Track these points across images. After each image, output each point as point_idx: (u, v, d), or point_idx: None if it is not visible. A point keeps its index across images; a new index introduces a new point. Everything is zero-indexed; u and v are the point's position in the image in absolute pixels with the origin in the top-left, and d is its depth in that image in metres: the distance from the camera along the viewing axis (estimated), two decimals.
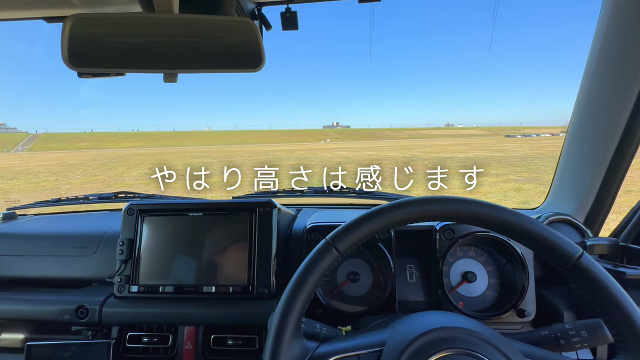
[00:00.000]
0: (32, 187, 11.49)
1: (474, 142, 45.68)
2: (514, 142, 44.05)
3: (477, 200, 0.54)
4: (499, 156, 18.60)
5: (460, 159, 17.54)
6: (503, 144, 36.60)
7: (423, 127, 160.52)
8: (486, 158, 17.63)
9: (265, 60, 0.73)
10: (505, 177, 10.45)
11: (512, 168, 12.85)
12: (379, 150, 28.06)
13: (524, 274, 0.85)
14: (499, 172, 11.68)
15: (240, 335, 0.89)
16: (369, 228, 0.55)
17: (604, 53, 0.86)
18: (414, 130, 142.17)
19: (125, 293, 0.92)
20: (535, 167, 13.05)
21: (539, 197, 7.50)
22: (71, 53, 0.67)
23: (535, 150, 22.24)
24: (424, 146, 33.80)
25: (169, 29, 0.71)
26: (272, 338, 0.50)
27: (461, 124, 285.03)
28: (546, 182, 9.36)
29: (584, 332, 0.54)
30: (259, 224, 0.93)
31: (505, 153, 20.92)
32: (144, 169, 16.68)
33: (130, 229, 0.96)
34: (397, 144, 46.09)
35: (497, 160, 16.00)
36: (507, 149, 25.12)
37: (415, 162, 16.85)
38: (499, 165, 13.91)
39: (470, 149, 26.58)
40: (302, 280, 0.53)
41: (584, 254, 0.49)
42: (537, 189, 8.34)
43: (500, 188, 8.69)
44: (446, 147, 30.40)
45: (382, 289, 0.90)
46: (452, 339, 0.50)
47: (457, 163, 15.34)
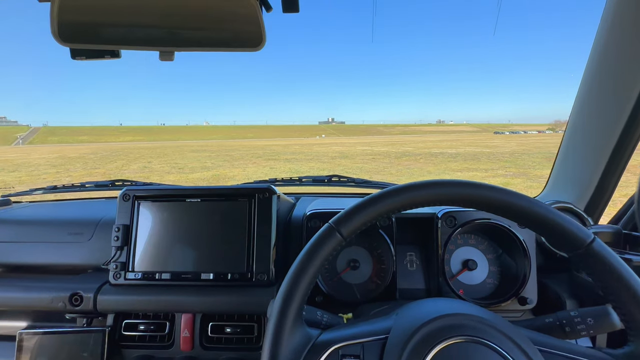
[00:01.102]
0: (32, 179, 11.41)
1: (464, 138, 46.28)
2: (503, 138, 44.78)
3: (485, 184, 0.52)
4: (488, 152, 18.89)
5: (451, 154, 17.75)
6: (492, 140, 37.16)
7: (415, 123, 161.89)
8: (476, 154, 17.88)
9: (265, 39, 0.70)
10: (494, 172, 10.64)
11: (501, 163, 13.09)
12: (373, 146, 28.24)
13: (526, 261, 0.85)
14: (488, 167, 11.88)
15: (238, 322, 0.88)
16: (374, 212, 0.52)
17: (608, 43, 0.86)
18: (407, 126, 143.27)
19: (120, 280, 0.89)
20: (523, 162, 13.30)
21: (526, 191, 7.60)
22: (61, 27, 0.63)
23: (522, 147, 22.64)
24: (416, 142, 34.10)
25: (166, 5, 0.67)
26: (273, 325, 0.48)
27: (452, 120, 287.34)
28: (533, 177, 9.58)
29: (590, 320, 0.53)
30: (258, 210, 0.91)
31: (494, 149, 21.25)
32: (143, 162, 16.53)
33: (126, 215, 0.93)
34: (390, 139, 46.37)
35: (487, 156, 16.25)
36: (496, 145, 25.53)
37: (407, 157, 16.99)
38: (488, 161, 14.14)
39: (460, 145, 26.91)
40: (305, 266, 0.50)
41: (596, 239, 0.48)
42: (525, 184, 8.50)
43: (489, 182, 8.82)
44: (437, 143, 30.72)
45: (383, 276, 0.90)
46: (460, 326, 0.48)
47: (447, 158, 15.53)
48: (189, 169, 13.15)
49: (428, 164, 13.77)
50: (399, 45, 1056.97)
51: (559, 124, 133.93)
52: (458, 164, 13.13)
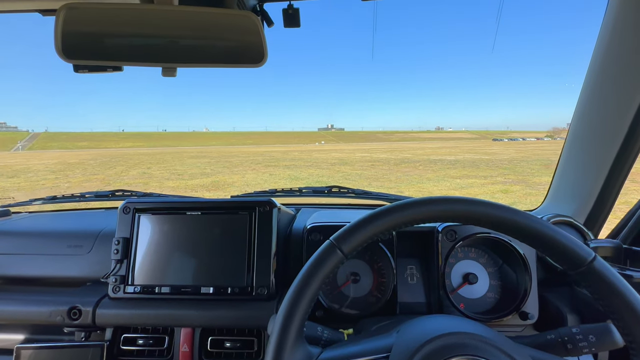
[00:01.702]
0: (31, 185, 11.35)
1: (463, 145, 46.43)
2: (501, 145, 44.96)
3: (485, 201, 0.53)
4: (487, 159, 18.94)
5: (450, 161, 17.79)
6: (491, 147, 37.29)
7: (414, 130, 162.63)
8: (475, 160, 17.93)
9: (267, 55, 0.71)
10: (492, 179, 10.65)
11: (500, 170, 13.11)
12: (372, 152, 28.28)
13: (527, 275, 0.85)
14: (487, 174, 11.90)
15: (238, 337, 0.87)
16: (374, 229, 0.52)
17: (608, 54, 0.86)
18: (406, 133, 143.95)
19: (120, 294, 0.89)
20: (522, 169, 13.33)
21: (525, 198, 7.65)
22: (65, 45, 0.64)
23: (521, 154, 22.71)
24: (415, 149, 34.18)
25: (168, 22, 0.68)
26: (274, 343, 0.48)
27: (451, 127, 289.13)
28: (532, 184, 9.59)
29: (592, 337, 0.53)
30: (258, 224, 0.91)
31: (493, 156, 21.31)
32: (142, 168, 16.51)
33: (126, 228, 0.93)
34: (389, 146, 46.50)
35: (485, 163, 16.29)
36: (495, 152, 25.61)
37: (406, 163, 17.02)
38: (487, 168, 14.17)
39: (459, 152, 26.98)
40: (306, 283, 0.50)
41: (597, 257, 0.48)
42: (524, 191, 8.51)
43: (488, 190, 8.86)
44: (436, 150, 30.79)
45: (383, 290, 0.89)
46: (462, 345, 0.48)
47: (446, 165, 15.56)
48: (188, 176, 13.13)
49: (427, 170, 13.79)
50: (399, 52, 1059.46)
51: (557, 131, 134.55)
52: (457, 171, 13.15)
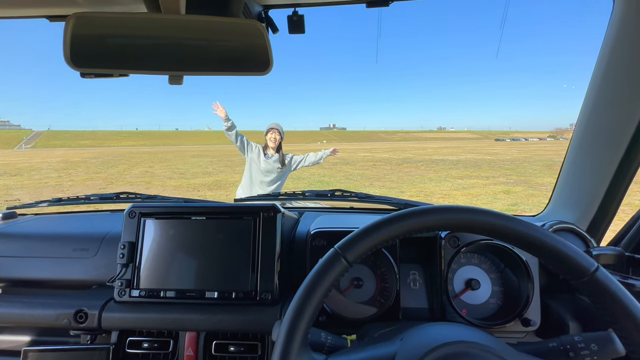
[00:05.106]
0: (34, 183, 11.38)
1: (465, 145, 46.28)
2: (504, 145, 44.78)
3: (491, 211, 0.53)
4: (489, 159, 18.89)
5: (452, 161, 17.75)
6: (493, 147, 37.15)
7: (416, 130, 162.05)
8: (477, 161, 17.88)
9: (273, 63, 0.71)
10: (495, 180, 10.63)
11: (502, 171, 13.08)
12: (374, 152, 28.22)
13: (529, 282, 0.85)
14: (489, 175, 11.87)
15: (242, 341, 0.88)
16: (379, 237, 0.53)
17: (613, 60, 0.86)
18: (408, 132, 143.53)
19: (125, 297, 0.90)
20: (524, 170, 13.29)
21: (527, 199, 7.63)
22: (73, 53, 0.65)
23: (523, 154, 22.63)
24: (417, 148, 34.10)
25: (175, 30, 0.69)
26: (280, 351, 0.48)
27: (453, 127, 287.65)
28: (534, 185, 9.54)
29: (594, 345, 0.53)
30: (263, 229, 0.92)
31: (495, 156, 21.24)
32: (145, 166, 16.51)
33: (131, 232, 0.94)
34: (391, 146, 46.41)
35: (488, 163, 16.25)
36: (497, 152, 25.52)
37: (408, 163, 16.99)
38: (489, 168, 14.14)
39: (461, 152, 26.91)
40: (311, 291, 0.51)
41: (600, 267, 0.49)
42: (526, 192, 8.49)
43: (490, 190, 8.84)
44: (438, 150, 30.69)
45: (386, 295, 0.90)
46: (465, 354, 0.49)
47: (448, 165, 15.53)
48: (190, 175, 13.15)
49: (429, 170, 13.76)
50: (401, 52, 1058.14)
51: (559, 131, 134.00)
52: (459, 171, 13.12)
